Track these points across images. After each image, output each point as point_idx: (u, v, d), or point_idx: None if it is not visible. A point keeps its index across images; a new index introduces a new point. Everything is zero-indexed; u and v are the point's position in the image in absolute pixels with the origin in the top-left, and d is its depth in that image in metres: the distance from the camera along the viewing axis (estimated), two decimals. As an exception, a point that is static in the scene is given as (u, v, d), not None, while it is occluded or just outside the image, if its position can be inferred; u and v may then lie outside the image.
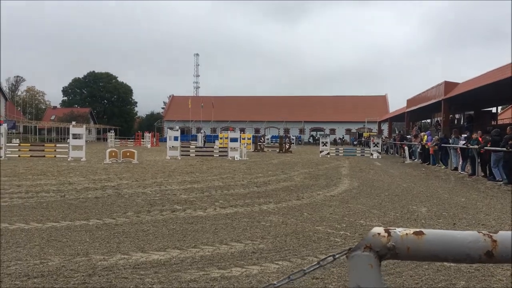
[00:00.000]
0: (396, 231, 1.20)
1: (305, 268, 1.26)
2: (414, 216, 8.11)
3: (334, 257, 1.27)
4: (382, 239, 1.19)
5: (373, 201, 9.90)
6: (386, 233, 1.20)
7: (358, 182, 13.71)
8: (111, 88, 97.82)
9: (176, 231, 6.51)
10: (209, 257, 5.16)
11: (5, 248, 5.38)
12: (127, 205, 8.70)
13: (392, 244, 1.18)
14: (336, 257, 1.26)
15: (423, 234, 1.19)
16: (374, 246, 1.18)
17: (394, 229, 1.21)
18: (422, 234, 1.19)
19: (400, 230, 1.21)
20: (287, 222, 7.30)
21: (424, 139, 24.39)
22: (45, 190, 10.51)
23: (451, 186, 13.44)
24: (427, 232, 1.20)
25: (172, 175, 14.91)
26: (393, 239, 1.19)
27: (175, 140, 26.04)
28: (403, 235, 1.19)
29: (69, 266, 4.68)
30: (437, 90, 27.71)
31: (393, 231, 1.20)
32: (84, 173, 14.99)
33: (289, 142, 40.13)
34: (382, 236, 1.19)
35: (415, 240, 1.18)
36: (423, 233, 1.19)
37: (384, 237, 1.19)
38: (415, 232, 1.19)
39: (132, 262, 4.88)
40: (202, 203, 9.10)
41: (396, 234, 1.20)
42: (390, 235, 1.19)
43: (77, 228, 6.56)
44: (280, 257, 5.19)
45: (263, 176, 15.01)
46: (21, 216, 7.40)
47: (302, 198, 10.03)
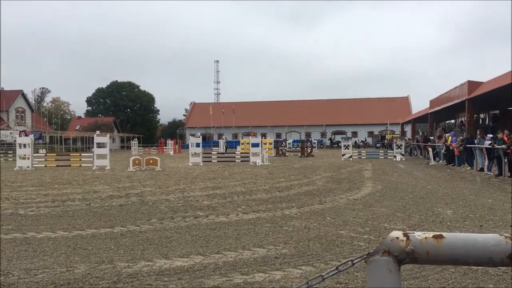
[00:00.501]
0: (415, 235, 1.19)
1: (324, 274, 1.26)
2: (440, 218, 7.97)
3: (353, 262, 1.26)
4: (401, 243, 1.17)
5: (397, 204, 9.77)
6: (405, 237, 1.18)
7: (381, 185, 13.55)
8: (134, 97, 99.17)
9: (199, 237, 6.55)
10: (232, 262, 5.17)
11: (33, 256, 5.50)
12: (150, 212, 8.79)
13: (411, 248, 1.16)
14: (354, 262, 1.25)
15: (442, 237, 1.17)
16: (392, 251, 1.17)
17: (413, 233, 1.20)
18: (442, 238, 1.17)
19: (419, 234, 1.19)
20: (309, 226, 7.26)
21: (448, 140, 23.97)
22: (71, 199, 10.70)
23: (477, 187, 13.17)
24: (447, 235, 1.18)
25: (195, 181, 15.01)
26: (412, 243, 1.17)
27: (197, 146, 26.21)
28: (422, 239, 1.17)
29: (94, 274, 4.75)
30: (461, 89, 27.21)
31: (412, 235, 1.18)
32: (109, 181, 15.21)
33: (310, 146, 39.97)
34: (401, 240, 1.18)
35: (435, 244, 1.16)
36: (443, 237, 1.17)
37: (403, 241, 1.17)
38: (434, 236, 1.17)
39: (156, 269, 4.92)
40: (224, 209, 9.13)
41: (415, 238, 1.18)
42: (409, 239, 1.18)
43: (102, 236, 6.66)
44: (303, 262, 5.16)
45: (285, 181, 14.98)
46: (48, 224, 7.55)
47: (324, 202, 9.97)
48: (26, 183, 15.02)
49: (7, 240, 6.39)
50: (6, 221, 7.84)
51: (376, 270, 1.17)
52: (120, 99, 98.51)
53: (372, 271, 1.18)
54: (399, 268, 1.18)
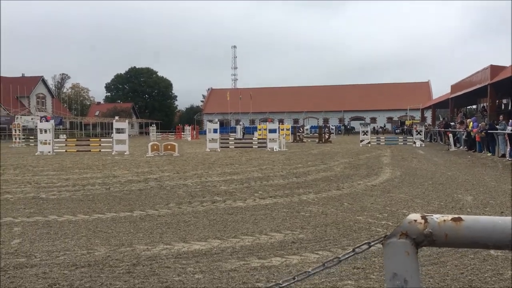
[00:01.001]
0: (434, 217, 1.17)
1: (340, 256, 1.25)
2: (459, 205, 7.88)
3: (369, 244, 1.25)
4: (419, 226, 1.15)
5: (416, 190, 9.67)
6: (423, 220, 1.16)
7: (400, 171, 13.43)
8: (152, 83, 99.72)
9: (216, 221, 6.60)
10: (249, 247, 5.20)
11: (54, 239, 5.62)
12: (169, 196, 8.88)
13: (429, 231, 1.14)
14: (371, 245, 1.24)
15: (461, 220, 1.15)
16: (410, 233, 1.15)
17: (431, 215, 1.18)
18: (461, 220, 1.15)
19: (438, 216, 1.17)
20: (327, 212, 7.25)
21: (469, 126, 23.57)
22: (91, 183, 10.87)
23: (498, 173, 12.95)
24: (465, 218, 1.16)
25: (212, 167, 15.09)
26: (430, 226, 1.15)
27: (215, 132, 26.30)
28: (440, 221, 1.15)
29: (114, 256, 4.84)
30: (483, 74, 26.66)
31: (430, 218, 1.16)
32: (128, 166, 15.40)
33: (328, 132, 39.75)
34: (419, 222, 1.16)
35: (453, 226, 1.14)
36: (462, 219, 1.15)
37: (421, 224, 1.16)
38: (453, 219, 1.15)
39: (174, 252, 4.98)
40: (241, 194, 9.17)
41: (433, 220, 1.16)
42: (427, 221, 1.16)
43: (121, 220, 6.76)
44: (320, 247, 5.17)
45: (302, 167, 14.95)
46: (69, 208, 7.70)
47: (342, 188, 9.93)
48: (47, 167, 15.31)
49: (29, 223, 6.54)
50: (29, 205, 8.02)
51: (393, 253, 1.16)
52: (139, 85, 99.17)
53: (389, 254, 1.17)
54: (416, 250, 1.17)
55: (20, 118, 46.36)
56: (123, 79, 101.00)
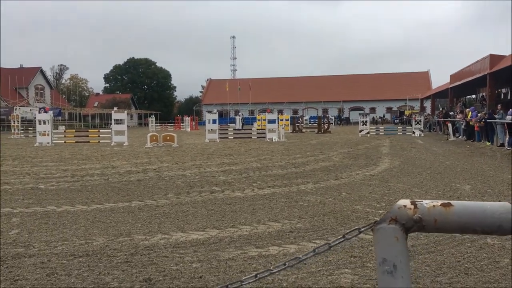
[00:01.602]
0: (423, 203, 1.17)
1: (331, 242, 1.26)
2: (457, 194, 7.90)
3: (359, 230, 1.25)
4: (408, 211, 1.16)
5: (415, 179, 9.69)
6: (413, 205, 1.17)
7: (399, 161, 13.44)
8: (151, 73, 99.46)
9: (214, 211, 6.61)
10: (247, 236, 5.22)
11: (52, 229, 5.63)
12: (167, 187, 8.89)
13: (418, 216, 1.15)
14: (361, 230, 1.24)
15: (451, 205, 1.15)
16: (400, 219, 1.16)
17: (421, 201, 1.18)
18: (450, 206, 1.15)
19: (427, 202, 1.17)
20: (325, 202, 7.27)
21: (468, 115, 23.56)
22: (89, 174, 10.88)
23: (497, 163, 12.97)
24: (455, 203, 1.16)
25: (211, 157, 15.10)
26: (420, 211, 1.16)
27: (214, 123, 26.29)
28: (430, 207, 1.16)
29: (112, 246, 4.86)
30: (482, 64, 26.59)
31: (420, 203, 1.17)
32: (127, 157, 15.40)
33: (327, 123, 39.73)
34: (408, 208, 1.17)
35: (443, 211, 1.15)
36: (451, 205, 1.15)
37: (411, 209, 1.16)
38: (442, 204, 1.16)
39: (172, 242, 5.00)
40: (240, 184, 9.18)
41: (423, 206, 1.16)
42: (417, 207, 1.16)
43: (120, 210, 6.78)
44: (318, 236, 5.19)
45: (301, 157, 14.96)
46: (68, 199, 7.71)
47: (340, 178, 9.94)
48: (46, 158, 15.31)
49: (28, 214, 6.55)
50: (27, 195, 8.03)
51: (382, 238, 1.16)
52: (137, 76, 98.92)
53: (378, 239, 1.17)
54: (406, 236, 1.18)
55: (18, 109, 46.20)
56: (122, 70, 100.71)
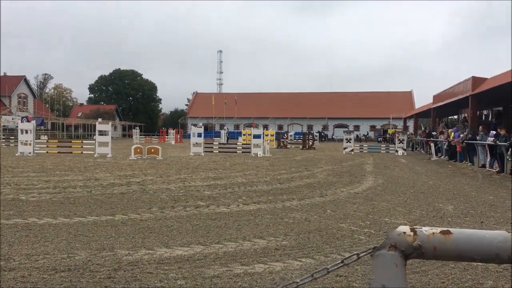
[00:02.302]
0: (423, 230, 1.18)
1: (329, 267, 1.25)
2: (441, 214, 7.97)
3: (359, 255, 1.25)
4: (408, 238, 1.16)
5: (398, 198, 9.77)
6: (412, 232, 1.17)
7: (382, 179, 13.55)
8: (136, 85, 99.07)
9: (199, 227, 6.56)
10: (232, 253, 5.18)
11: (34, 242, 5.51)
12: (151, 201, 8.80)
13: (418, 244, 1.15)
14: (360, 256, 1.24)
15: (450, 233, 1.16)
16: (399, 245, 1.16)
17: (420, 228, 1.19)
18: (449, 234, 1.16)
19: (427, 229, 1.18)
20: (310, 219, 7.27)
21: (450, 136, 23.91)
22: (72, 186, 10.72)
23: (478, 183, 13.16)
24: (454, 231, 1.17)
25: (196, 171, 15.02)
26: (419, 238, 1.16)
27: (199, 136, 26.24)
28: (429, 234, 1.16)
29: (95, 261, 4.77)
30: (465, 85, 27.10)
31: (419, 230, 1.17)
32: (110, 169, 15.23)
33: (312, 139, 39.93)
34: (408, 235, 1.17)
35: (442, 239, 1.15)
36: (450, 233, 1.16)
37: (410, 236, 1.17)
38: (442, 231, 1.16)
39: (156, 257, 4.93)
40: (225, 199, 9.14)
41: (423, 233, 1.17)
42: (416, 234, 1.17)
43: (103, 223, 6.68)
44: (303, 254, 5.17)
45: (286, 173, 14.98)
46: (49, 211, 7.57)
47: (325, 195, 9.97)
48: (27, 169, 15.05)
49: (8, 225, 6.41)
50: (8, 207, 7.87)
51: (382, 264, 1.16)
52: (123, 87, 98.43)
53: (377, 265, 1.17)
54: (405, 263, 1.18)
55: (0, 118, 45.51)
56: (107, 81, 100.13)
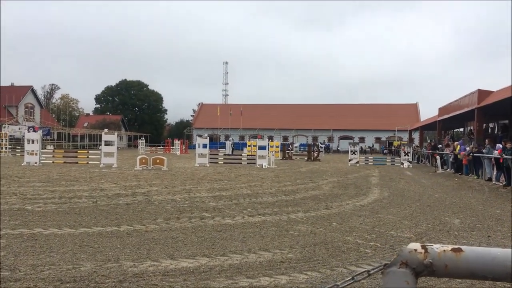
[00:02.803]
0: (434, 247, 1.17)
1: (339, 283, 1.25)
2: (447, 227, 7.91)
3: (369, 272, 1.24)
4: (419, 256, 1.16)
5: (404, 211, 9.71)
6: (423, 250, 1.17)
7: (388, 192, 13.49)
8: (142, 96, 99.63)
9: (205, 238, 6.54)
10: (238, 265, 5.16)
11: (39, 252, 5.52)
12: (157, 212, 8.80)
13: (429, 261, 1.15)
14: (371, 273, 1.24)
15: (461, 251, 1.16)
16: (410, 263, 1.16)
17: (431, 245, 1.18)
18: (461, 251, 1.15)
19: (438, 246, 1.17)
20: (315, 231, 7.24)
21: (456, 149, 23.82)
22: (77, 196, 10.75)
23: (485, 197, 13.07)
24: (465, 249, 1.16)
25: (201, 182, 15.02)
26: (430, 256, 1.15)
27: (204, 147, 26.26)
28: (440, 252, 1.16)
29: (100, 272, 4.76)
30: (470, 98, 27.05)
31: (430, 248, 1.17)
32: (115, 180, 15.26)
33: (317, 150, 39.87)
34: (419, 252, 1.16)
35: (453, 257, 1.15)
36: (462, 250, 1.16)
37: (421, 254, 1.16)
38: (453, 249, 1.16)
39: (161, 269, 4.92)
40: (230, 211, 9.12)
41: (434, 250, 1.16)
42: (427, 251, 1.16)
43: (108, 234, 6.68)
44: (309, 268, 5.14)
45: (291, 185, 14.95)
46: (55, 221, 7.58)
47: (331, 208, 9.93)
48: (33, 178, 15.11)
49: (14, 236, 6.42)
50: (14, 216, 7.89)
51: (393, 282, 1.16)
52: (129, 97, 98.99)
53: (389, 282, 1.17)
54: (416, 280, 1.17)
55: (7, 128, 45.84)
56: (113, 91, 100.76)
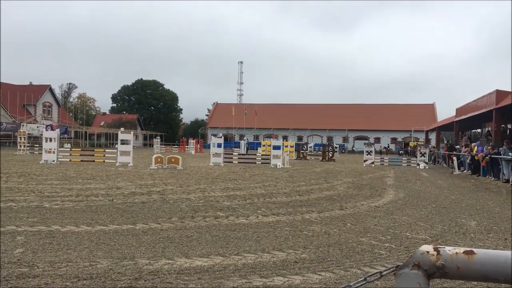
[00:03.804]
0: (446, 249, 1.18)
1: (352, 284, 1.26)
2: (463, 229, 7.83)
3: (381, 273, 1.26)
4: (431, 258, 1.17)
5: (420, 213, 9.64)
6: (435, 252, 1.18)
7: (403, 193, 13.39)
8: (158, 95, 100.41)
9: (219, 237, 6.59)
10: (252, 265, 5.18)
11: (57, 249, 5.62)
12: (171, 210, 8.88)
13: (441, 263, 1.16)
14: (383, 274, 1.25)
15: (473, 253, 1.16)
16: (422, 265, 1.17)
17: (444, 247, 1.19)
18: (473, 254, 1.16)
19: (450, 249, 1.18)
20: (329, 232, 7.23)
21: (474, 150, 23.53)
22: (94, 194, 10.89)
23: (502, 199, 12.89)
24: (478, 251, 1.17)
25: (215, 181, 15.09)
26: (443, 258, 1.16)
27: (219, 147, 26.36)
28: (452, 254, 1.17)
29: (116, 269, 4.83)
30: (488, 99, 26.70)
31: (443, 250, 1.18)
32: (131, 178, 15.42)
33: (332, 151, 39.71)
34: (431, 254, 1.17)
35: (465, 259, 1.16)
36: (474, 253, 1.16)
37: (433, 256, 1.17)
38: (465, 252, 1.17)
39: (176, 268, 4.97)
40: (244, 210, 9.16)
41: (446, 253, 1.17)
42: (440, 253, 1.17)
43: (124, 232, 6.76)
44: (323, 268, 5.14)
45: (305, 185, 14.94)
46: (72, 219, 7.71)
47: (345, 208, 9.90)
48: (51, 176, 15.35)
49: (32, 232, 6.55)
50: (32, 214, 8.04)
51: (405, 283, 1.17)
52: (145, 97, 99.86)
53: (401, 284, 1.18)
54: (428, 282, 1.18)
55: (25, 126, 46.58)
56: (130, 91, 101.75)
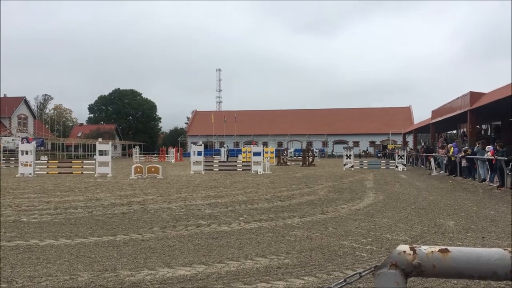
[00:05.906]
0: (422, 249, 1.22)
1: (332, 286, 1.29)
2: (442, 229, 7.97)
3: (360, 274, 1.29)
4: (408, 257, 1.20)
5: (399, 214, 9.77)
6: (412, 251, 1.21)
7: (383, 196, 13.55)
8: (136, 104, 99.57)
9: (201, 246, 6.56)
10: (235, 272, 5.18)
11: (36, 264, 5.52)
12: (153, 220, 8.80)
13: (418, 262, 1.19)
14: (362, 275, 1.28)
15: (448, 251, 1.20)
16: (400, 264, 1.20)
17: (420, 246, 1.23)
18: (448, 252, 1.20)
19: (426, 248, 1.22)
20: (311, 236, 7.27)
21: (450, 151, 23.98)
22: (73, 207, 10.73)
23: (479, 198, 13.16)
24: (452, 249, 1.21)
25: (196, 190, 15.03)
26: (419, 257, 1.20)
27: (199, 155, 26.27)
28: (428, 252, 1.21)
29: (98, 282, 4.77)
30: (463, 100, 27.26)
31: (419, 249, 1.22)
32: (111, 189, 15.24)
33: (312, 155, 39.93)
34: (408, 254, 1.21)
35: (441, 257, 1.19)
36: (449, 251, 1.20)
37: (410, 255, 1.21)
38: (440, 250, 1.20)
39: (159, 278, 4.94)
40: (226, 218, 9.14)
41: (422, 252, 1.21)
42: (416, 253, 1.21)
43: (105, 244, 6.68)
44: (306, 273, 5.17)
45: (286, 190, 14.99)
46: (51, 232, 7.58)
47: (326, 212, 9.97)
48: (28, 190, 15.06)
49: (10, 247, 6.41)
50: (9, 228, 7.87)
51: (383, 283, 1.20)
52: (122, 106, 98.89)
53: (380, 284, 1.21)
54: (406, 281, 1.22)
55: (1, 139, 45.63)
56: (107, 101, 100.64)
